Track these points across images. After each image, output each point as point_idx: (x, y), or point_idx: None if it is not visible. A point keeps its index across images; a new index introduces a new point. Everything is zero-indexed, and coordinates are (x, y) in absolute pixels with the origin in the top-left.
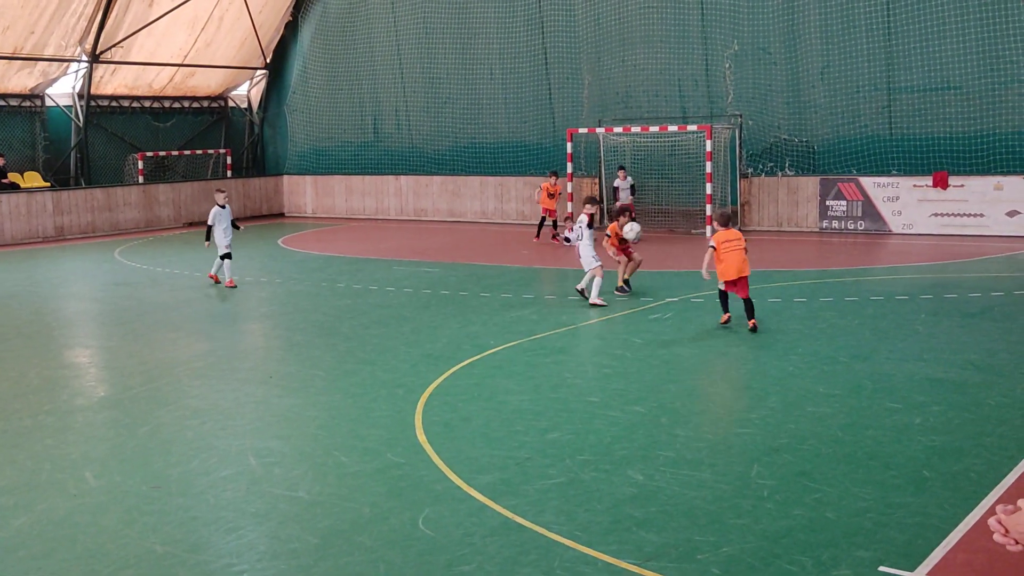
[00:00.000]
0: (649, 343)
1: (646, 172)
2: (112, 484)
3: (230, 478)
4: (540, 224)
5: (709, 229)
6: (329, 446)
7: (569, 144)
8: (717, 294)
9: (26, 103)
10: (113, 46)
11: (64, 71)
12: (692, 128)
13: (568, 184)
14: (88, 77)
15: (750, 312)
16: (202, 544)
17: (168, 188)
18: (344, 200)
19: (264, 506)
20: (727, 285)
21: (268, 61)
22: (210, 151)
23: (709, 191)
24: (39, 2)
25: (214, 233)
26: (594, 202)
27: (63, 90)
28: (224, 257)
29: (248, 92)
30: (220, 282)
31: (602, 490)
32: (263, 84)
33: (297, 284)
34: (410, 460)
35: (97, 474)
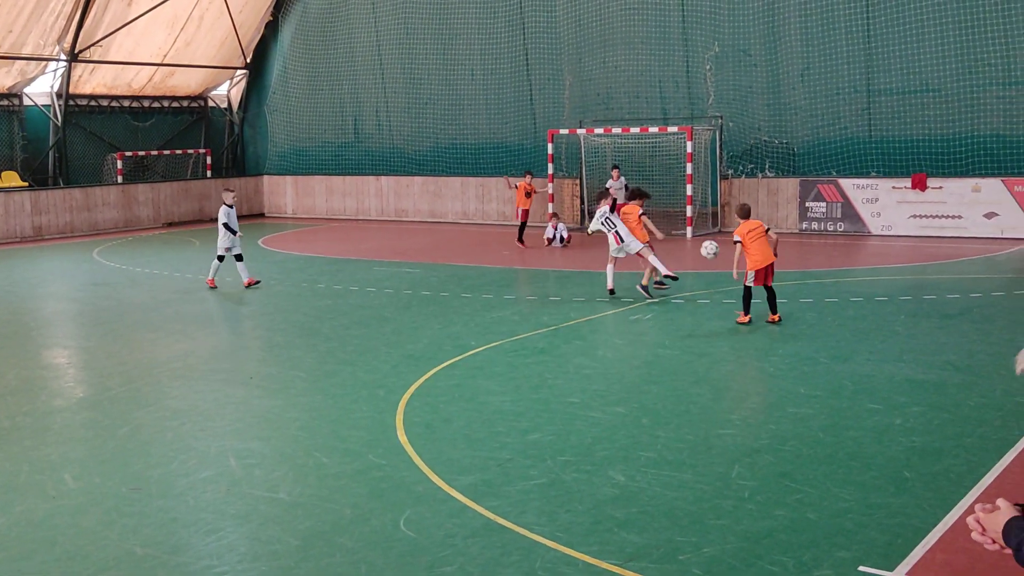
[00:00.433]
0: (630, 344)
1: (627, 173)
2: (91, 486)
3: (210, 479)
4: (522, 229)
5: (689, 230)
6: (310, 447)
7: (550, 145)
8: (743, 292)
9: (4, 102)
10: (92, 45)
11: (42, 70)
12: (673, 129)
13: (549, 185)
14: (67, 76)
15: (774, 305)
16: (182, 546)
17: (147, 188)
18: (325, 200)
19: (245, 508)
20: (757, 276)
21: (248, 61)
22: (190, 151)
23: (689, 192)
24: (17, 1)
25: (222, 232)
26: (606, 194)
27: (41, 89)
28: (217, 258)
29: (228, 92)
30: (217, 287)
31: (583, 491)
32: (243, 84)
33: (277, 285)
34: (391, 461)
35: (76, 476)
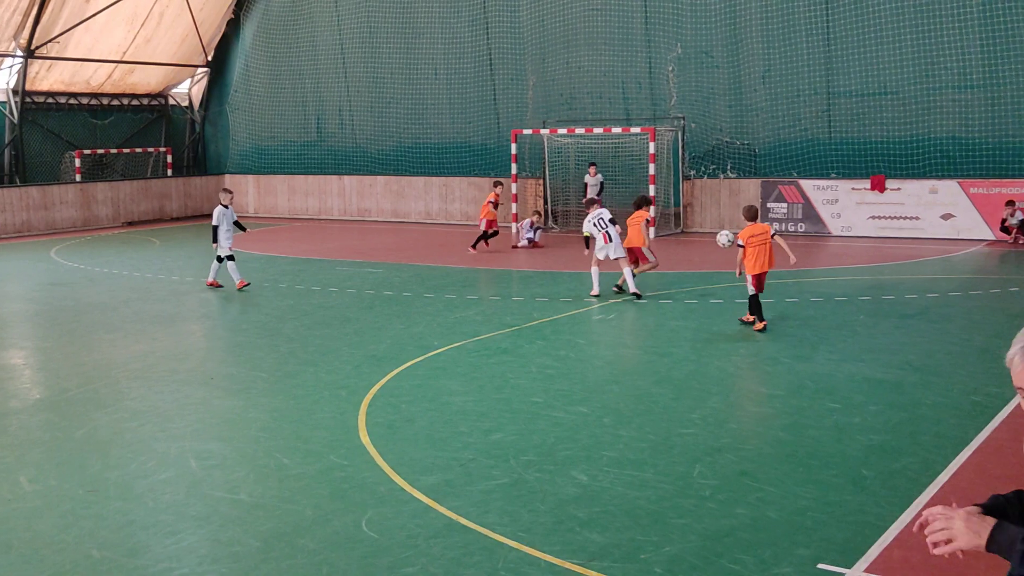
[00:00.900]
0: (593, 344)
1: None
2: (48, 488)
3: (169, 481)
4: (485, 236)
5: (652, 231)
6: (271, 448)
7: (514, 145)
8: (749, 300)
9: None
10: (49, 41)
11: None
12: (636, 130)
13: (512, 185)
14: (23, 73)
15: (753, 309)
16: (140, 548)
17: (107, 187)
18: (287, 200)
19: (204, 509)
20: (754, 279)
21: (209, 59)
22: (150, 149)
23: (652, 193)
24: None
25: (218, 234)
26: (594, 203)
27: None
28: (227, 259)
29: (189, 90)
30: (221, 286)
31: (546, 491)
32: (204, 82)
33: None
34: (353, 462)
35: (32, 478)
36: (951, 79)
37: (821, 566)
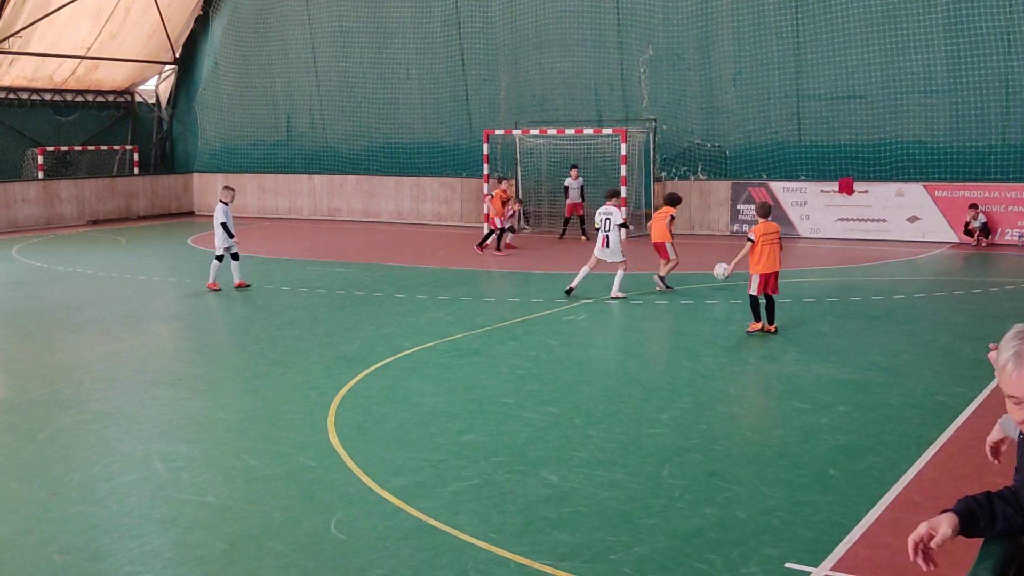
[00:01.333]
0: (563, 344)
1: (561, 175)
2: (8, 492)
3: (134, 483)
4: (494, 234)
5: (623, 232)
6: (239, 449)
7: (486, 145)
8: (749, 300)
9: None
10: (11, 36)
11: None
12: (607, 131)
13: (484, 185)
14: None
15: (771, 314)
16: (103, 552)
17: (71, 184)
18: (256, 199)
19: (170, 512)
20: (761, 280)
21: (177, 56)
22: (116, 147)
23: (624, 194)
24: None
25: (228, 230)
26: (616, 195)
27: None
28: (220, 259)
29: (156, 87)
30: (248, 286)
31: (516, 491)
32: (172, 79)
33: (206, 284)
34: (322, 463)
35: None
36: (917, 84)
37: (789, 565)
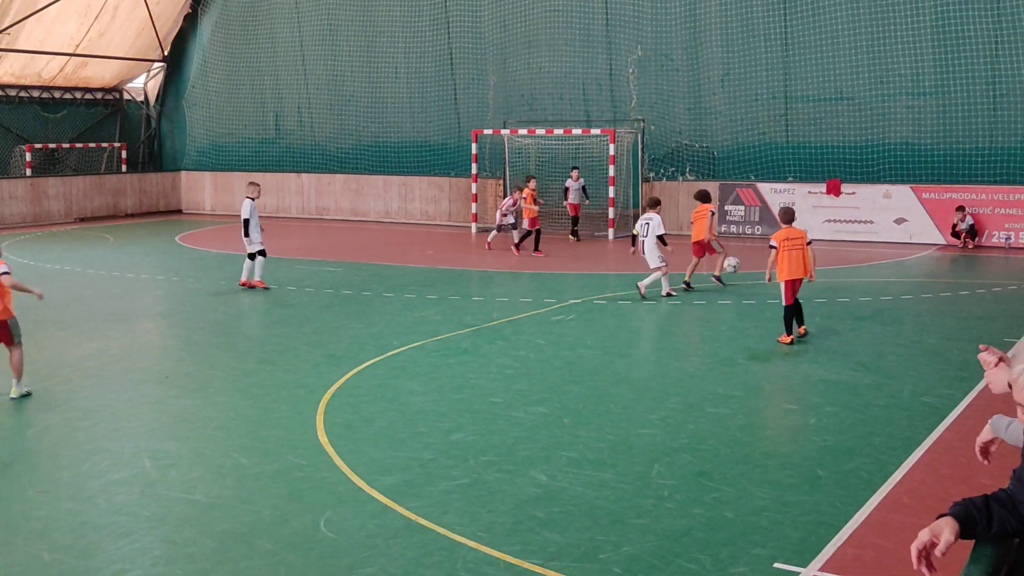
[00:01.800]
0: (552, 344)
1: (549, 175)
2: None
3: (123, 481)
4: (531, 235)
5: (611, 232)
6: (228, 448)
7: (474, 145)
8: (783, 312)
9: None
10: None
11: None
12: (596, 132)
13: (472, 185)
14: None
15: (800, 317)
16: (92, 549)
17: (58, 182)
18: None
19: (159, 509)
20: (788, 287)
21: (166, 54)
22: (104, 144)
23: (612, 194)
24: None
25: (248, 229)
26: (657, 203)
27: None
28: (259, 254)
29: (145, 85)
30: (254, 287)
31: (505, 491)
32: (160, 77)
33: (195, 282)
34: (311, 461)
35: None
36: (905, 86)
37: (777, 565)
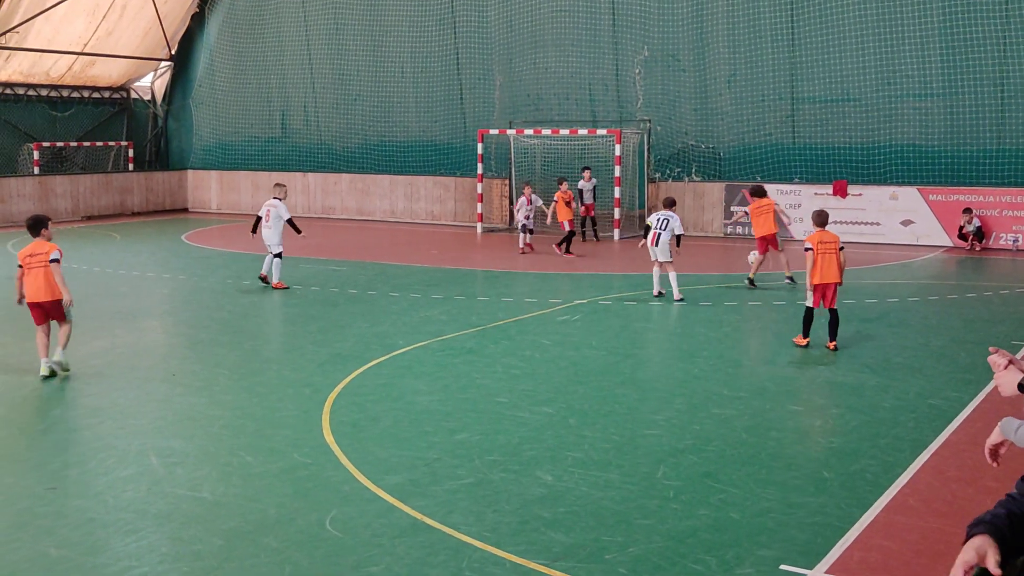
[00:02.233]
0: (558, 344)
1: (555, 175)
2: (3, 486)
3: (130, 478)
4: (568, 238)
5: (617, 232)
6: (234, 446)
7: (480, 145)
8: (804, 312)
9: None
10: (8, 31)
11: None
12: (602, 132)
13: (478, 185)
14: None
15: (833, 331)
16: (100, 546)
17: (66, 180)
18: (250, 196)
19: (166, 507)
20: (815, 291)
21: (173, 53)
22: (111, 143)
23: (617, 195)
24: None
25: (273, 229)
26: (674, 203)
27: None
28: (277, 256)
29: (152, 84)
30: (271, 283)
31: (511, 491)
32: (168, 76)
33: (201, 281)
34: (317, 460)
35: None
36: (912, 88)
37: (783, 567)
